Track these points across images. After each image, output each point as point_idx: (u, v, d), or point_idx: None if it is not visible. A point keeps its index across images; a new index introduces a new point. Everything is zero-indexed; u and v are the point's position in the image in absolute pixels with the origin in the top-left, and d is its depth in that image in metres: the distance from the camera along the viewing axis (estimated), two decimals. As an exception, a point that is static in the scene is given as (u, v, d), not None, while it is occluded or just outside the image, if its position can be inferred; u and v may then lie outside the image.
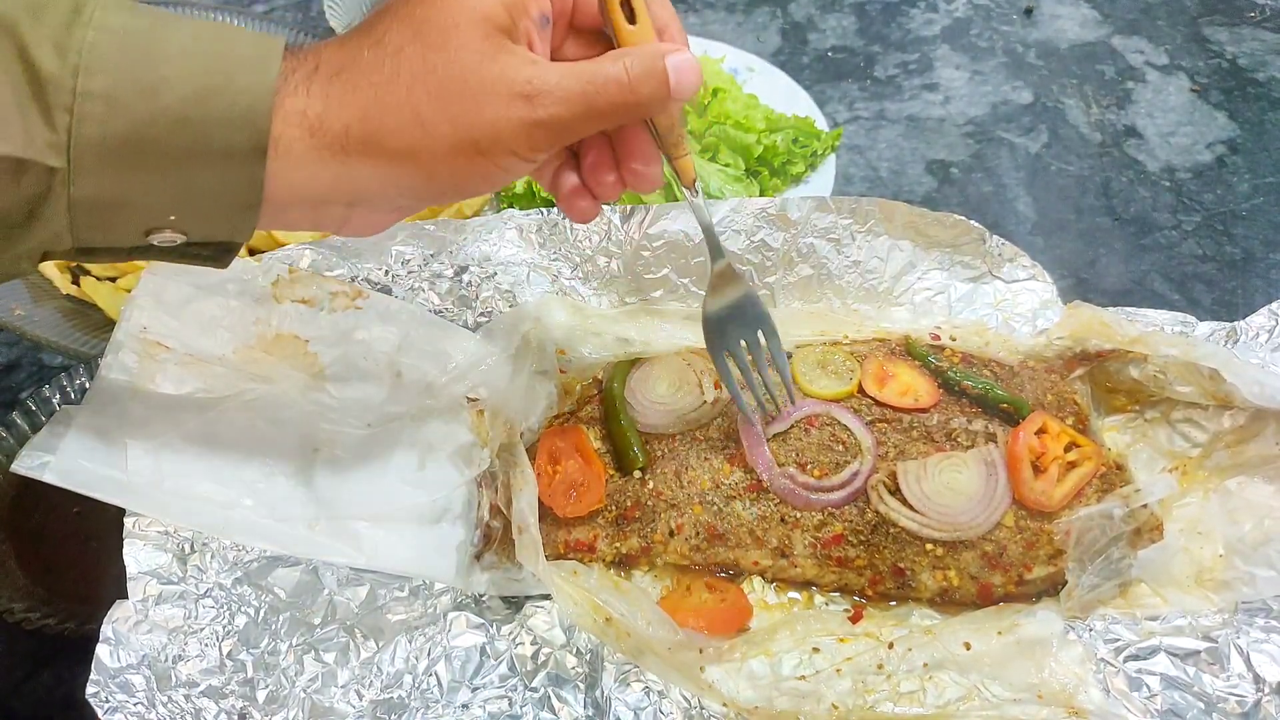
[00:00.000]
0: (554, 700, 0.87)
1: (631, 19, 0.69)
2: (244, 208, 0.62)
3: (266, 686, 0.85)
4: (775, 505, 0.97)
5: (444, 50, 0.62)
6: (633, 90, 0.66)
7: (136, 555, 0.87)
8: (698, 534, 0.97)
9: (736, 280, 0.91)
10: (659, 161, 0.76)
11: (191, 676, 0.84)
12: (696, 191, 0.80)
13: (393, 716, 0.85)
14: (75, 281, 1.16)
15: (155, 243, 0.64)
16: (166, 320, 0.96)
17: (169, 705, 0.82)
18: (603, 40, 0.73)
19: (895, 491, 0.96)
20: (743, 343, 0.93)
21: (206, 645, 0.85)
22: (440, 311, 1.07)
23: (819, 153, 1.42)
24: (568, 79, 0.65)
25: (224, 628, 0.87)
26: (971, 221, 1.10)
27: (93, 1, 0.59)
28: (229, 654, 0.86)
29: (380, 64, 0.62)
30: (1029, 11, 1.76)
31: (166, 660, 0.84)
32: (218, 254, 0.68)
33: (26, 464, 0.87)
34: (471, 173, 0.65)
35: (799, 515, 0.96)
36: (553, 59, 0.71)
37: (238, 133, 0.59)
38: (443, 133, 0.63)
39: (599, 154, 0.76)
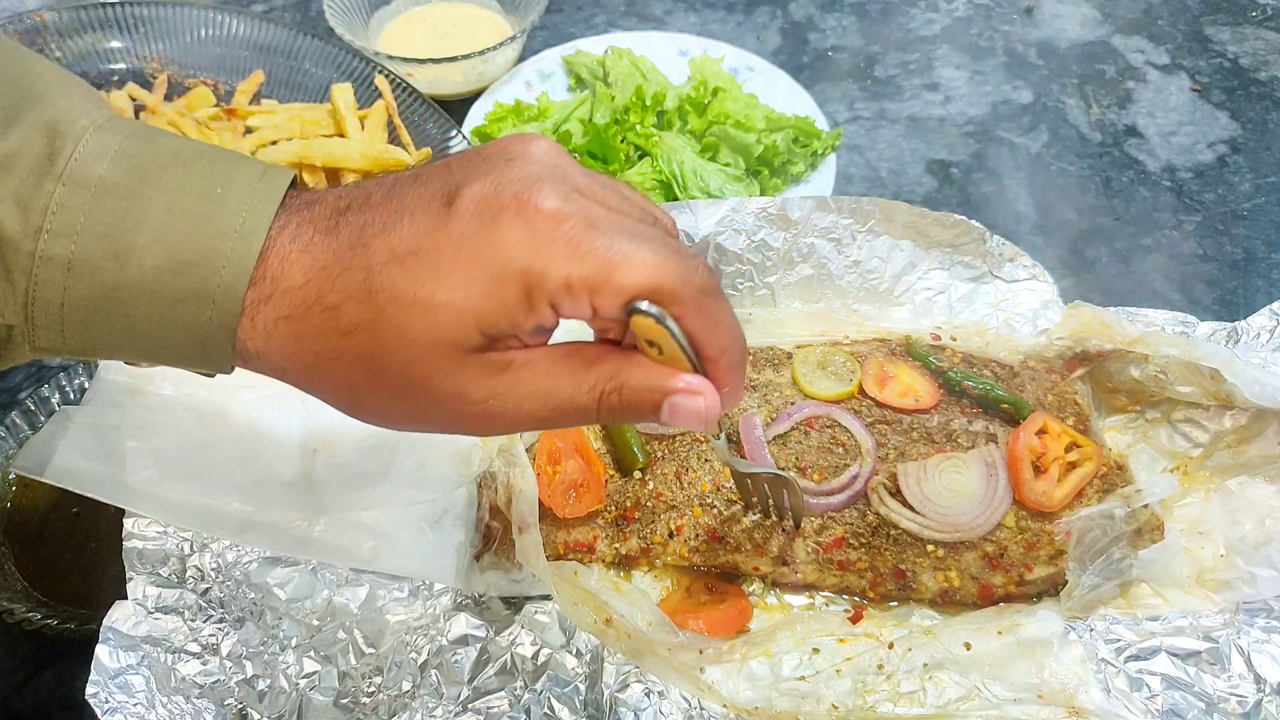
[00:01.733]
0: (554, 701, 0.87)
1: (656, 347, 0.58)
2: (216, 365, 0.58)
3: (266, 686, 0.85)
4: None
5: (395, 355, 0.55)
6: (600, 418, 0.59)
7: (136, 555, 0.87)
8: (697, 536, 0.97)
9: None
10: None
11: (191, 676, 0.84)
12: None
13: (392, 717, 0.85)
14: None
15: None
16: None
17: (168, 705, 0.82)
18: None
19: (896, 493, 0.96)
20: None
21: (206, 645, 0.85)
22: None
23: (819, 153, 1.41)
24: (529, 402, 0.57)
25: (223, 628, 0.87)
26: (972, 221, 1.10)
27: (71, 145, 0.54)
28: (229, 654, 0.86)
29: (327, 335, 0.55)
30: (1029, 11, 1.76)
31: (166, 660, 0.84)
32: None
33: (26, 464, 0.87)
34: (400, 429, 0.61)
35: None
36: None
37: (206, 310, 0.54)
38: (384, 416, 0.59)
39: None
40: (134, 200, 0.53)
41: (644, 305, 0.53)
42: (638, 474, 0.99)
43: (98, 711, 0.80)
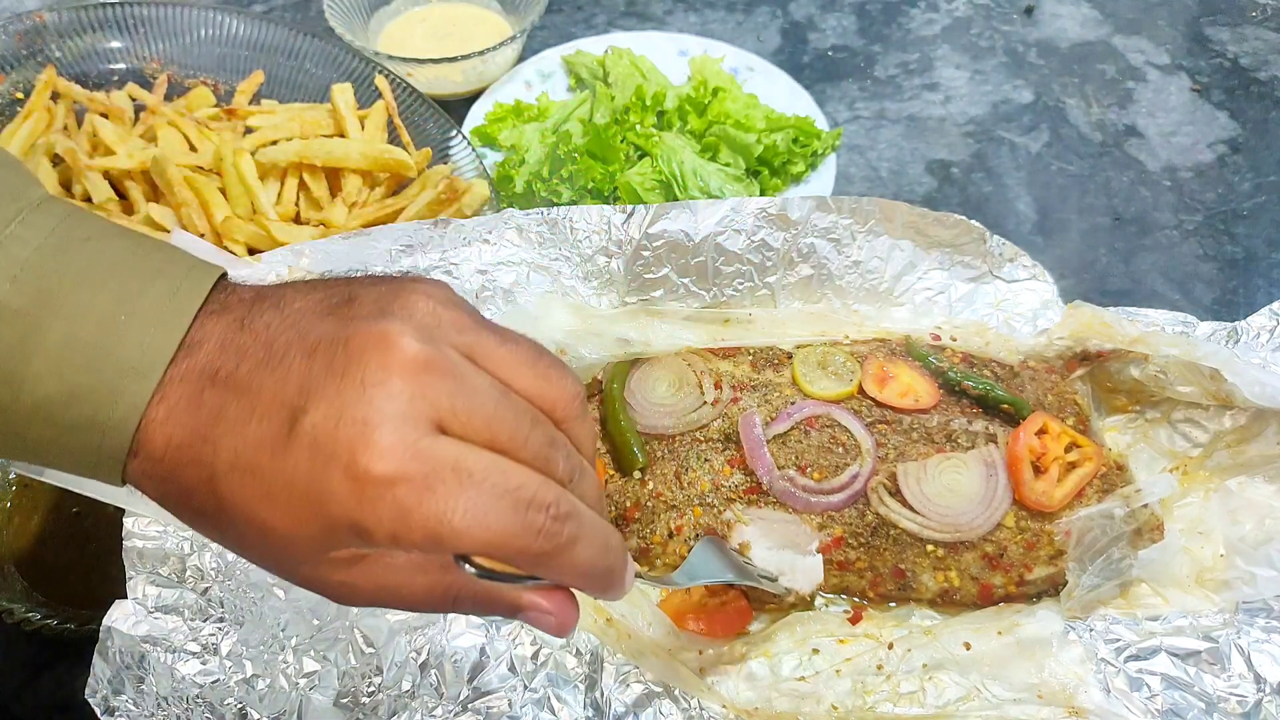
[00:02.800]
0: (554, 701, 0.87)
1: None
2: (111, 483, 0.55)
3: (266, 686, 0.85)
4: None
5: (247, 547, 0.55)
6: (442, 607, 0.58)
7: (136, 555, 0.87)
8: (697, 536, 0.97)
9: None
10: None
11: (191, 676, 0.84)
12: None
13: (392, 717, 0.85)
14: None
15: None
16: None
17: (168, 705, 0.82)
18: None
19: (896, 493, 0.96)
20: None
21: (206, 645, 0.85)
22: (440, 312, 1.07)
23: (819, 152, 1.41)
24: (382, 595, 0.56)
25: (223, 628, 0.87)
26: (972, 221, 1.10)
27: None
28: (228, 654, 0.86)
29: (185, 508, 0.54)
30: (1029, 11, 1.76)
31: (166, 660, 0.84)
32: None
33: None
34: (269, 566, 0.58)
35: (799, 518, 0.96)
36: None
37: (97, 438, 0.52)
38: (226, 530, 0.55)
39: None
40: (32, 328, 0.52)
41: (475, 562, 0.53)
42: (637, 474, 0.99)
43: (97, 711, 0.80)
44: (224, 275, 0.56)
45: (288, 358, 0.52)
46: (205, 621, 0.86)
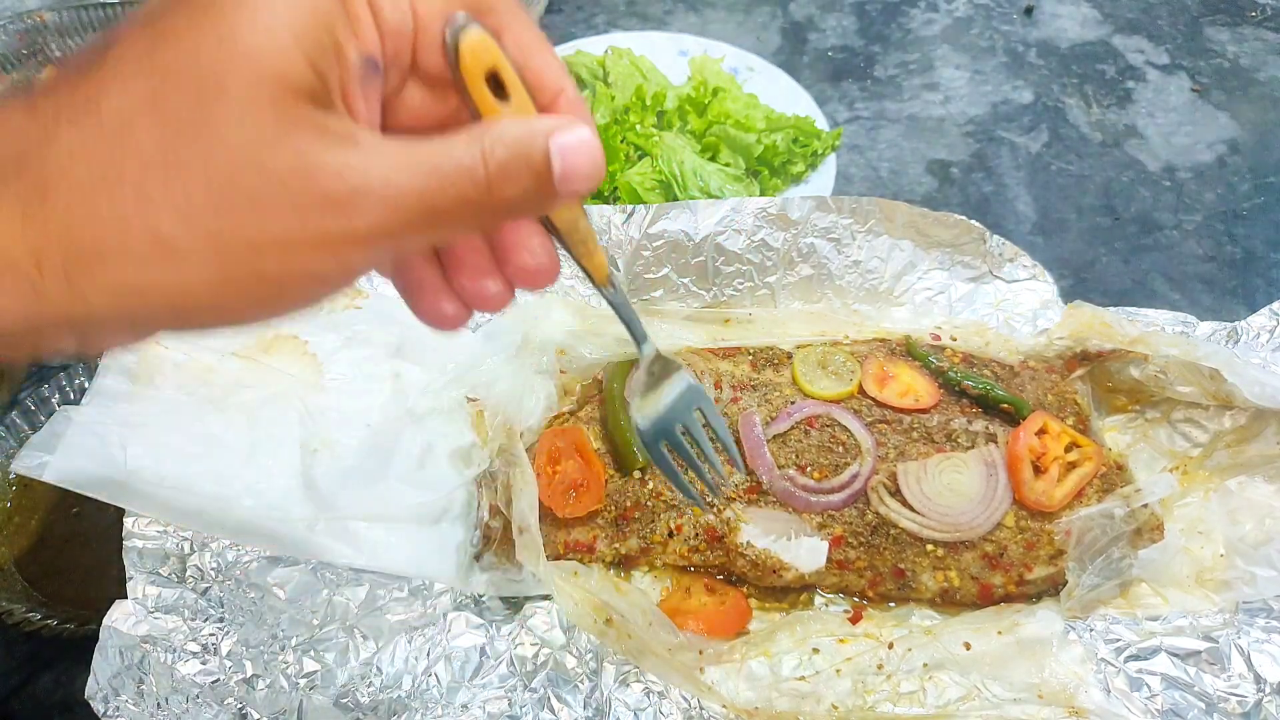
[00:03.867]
0: (554, 701, 0.87)
1: (502, 94, 0.47)
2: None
3: (266, 686, 0.85)
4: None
5: (202, 130, 0.39)
6: (493, 188, 0.44)
7: (136, 555, 0.87)
8: (697, 535, 0.97)
9: (667, 367, 0.75)
10: (553, 248, 0.54)
11: (191, 676, 0.84)
12: (615, 286, 0.62)
13: (393, 717, 0.85)
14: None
15: None
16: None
17: (168, 705, 0.82)
18: (458, 91, 0.49)
19: (895, 493, 0.96)
20: (680, 427, 0.76)
21: (206, 645, 0.85)
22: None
23: (819, 152, 1.41)
24: (399, 173, 0.42)
25: (223, 627, 0.87)
26: (972, 221, 1.10)
27: None
28: (228, 654, 0.86)
29: (92, 147, 0.39)
30: (1029, 11, 1.76)
31: (166, 660, 0.84)
32: None
33: (26, 464, 0.87)
34: (255, 304, 0.43)
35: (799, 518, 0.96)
36: (384, 121, 0.49)
37: None
38: (198, 255, 0.40)
39: (468, 249, 0.52)
40: None
41: (462, 17, 0.44)
42: (637, 474, 0.98)
43: (97, 711, 0.80)
44: None
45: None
46: (205, 621, 0.86)
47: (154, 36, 0.40)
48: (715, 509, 0.95)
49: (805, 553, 0.94)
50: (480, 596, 0.93)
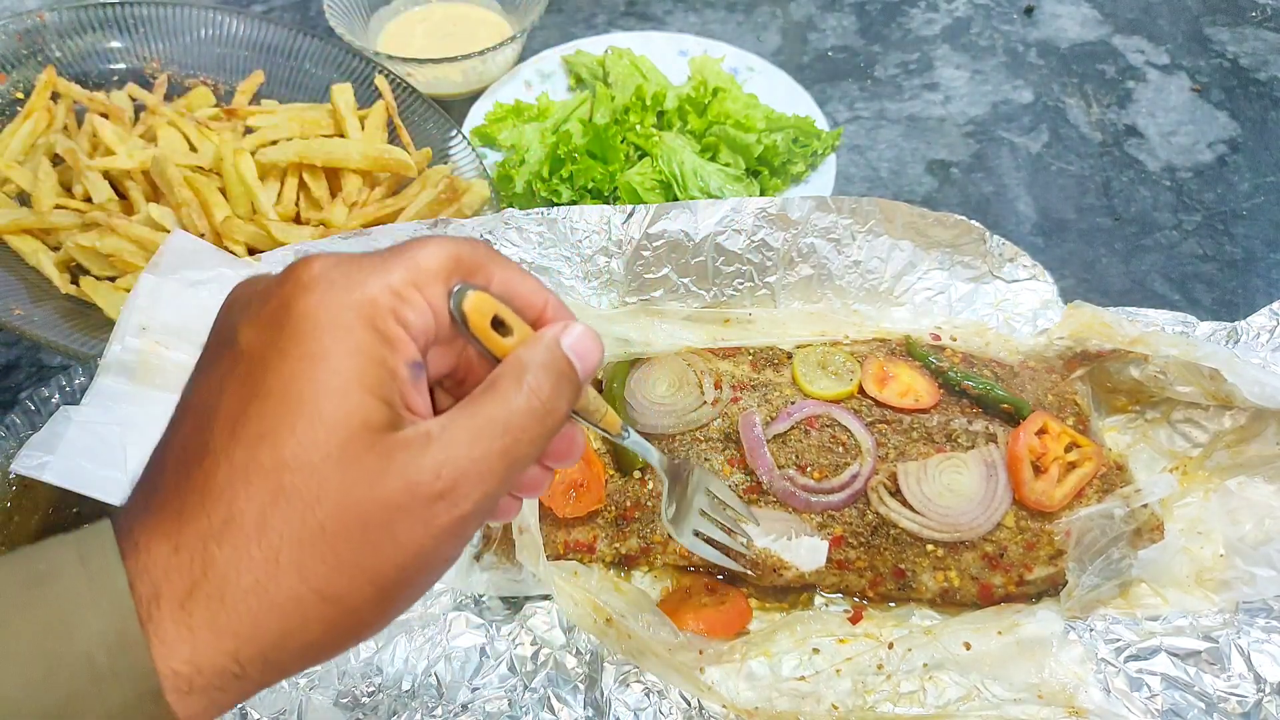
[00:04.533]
0: (554, 700, 0.87)
1: (505, 330, 0.55)
2: None
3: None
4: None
5: (324, 501, 0.46)
6: (550, 412, 0.52)
7: (136, 556, 0.87)
8: (697, 534, 0.96)
9: (678, 468, 0.84)
10: (580, 430, 0.61)
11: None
12: (628, 432, 0.68)
13: (393, 717, 0.85)
14: (74, 281, 1.16)
15: None
16: (165, 320, 0.96)
17: (168, 706, 0.82)
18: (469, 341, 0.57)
19: (896, 493, 0.96)
20: (699, 511, 0.85)
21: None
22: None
23: (819, 152, 1.41)
24: (478, 446, 0.49)
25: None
26: (972, 221, 1.10)
27: None
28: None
29: (246, 553, 0.45)
30: (1029, 11, 1.76)
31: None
32: None
33: (26, 464, 0.87)
34: (407, 604, 0.51)
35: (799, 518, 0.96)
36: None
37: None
38: (361, 594, 0.47)
39: None
40: None
41: (456, 294, 0.52)
42: (637, 474, 0.99)
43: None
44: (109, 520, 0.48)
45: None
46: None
47: (249, 441, 0.46)
48: (750, 562, 0.94)
49: (805, 552, 0.94)
50: (480, 596, 0.93)
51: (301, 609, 0.46)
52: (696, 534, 0.84)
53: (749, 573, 0.94)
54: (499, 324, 0.54)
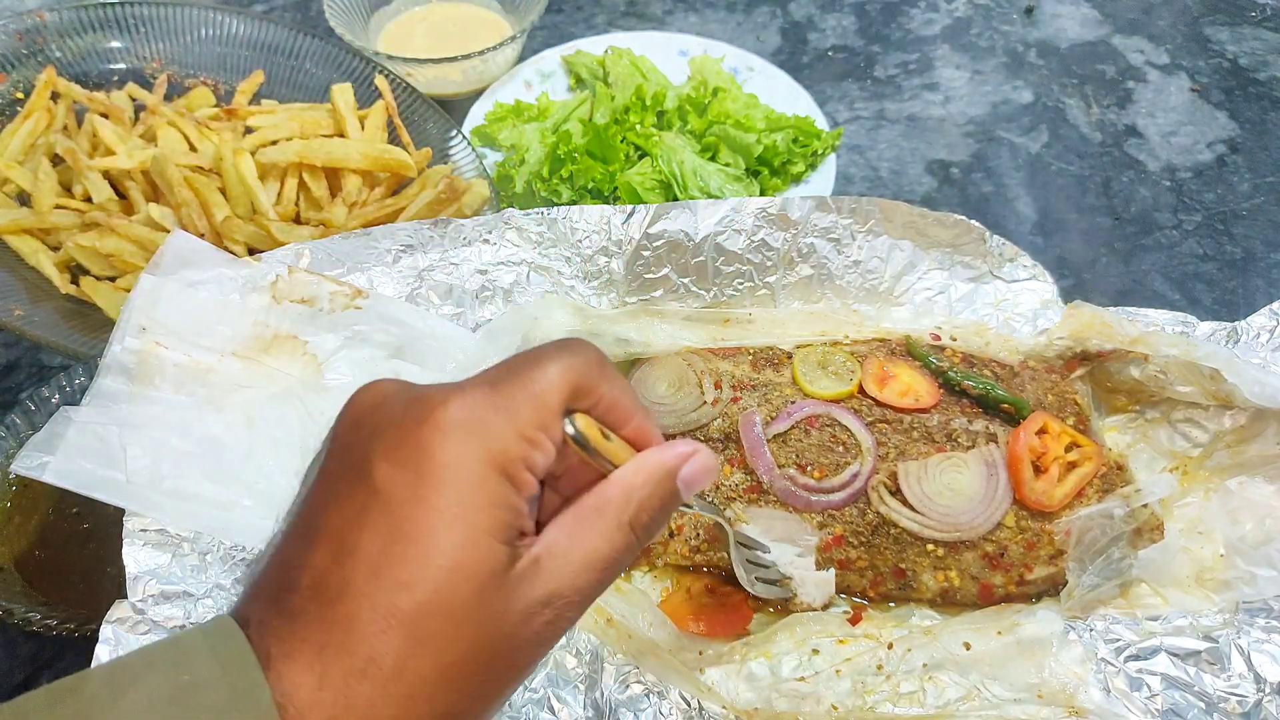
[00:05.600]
0: (553, 701, 0.87)
1: (605, 436, 0.59)
2: None
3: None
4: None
5: (457, 642, 0.50)
6: (640, 540, 0.57)
7: (136, 555, 0.87)
8: (698, 535, 0.97)
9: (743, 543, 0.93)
10: None
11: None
12: (693, 504, 0.73)
13: (392, 717, 0.85)
14: (74, 281, 1.16)
15: None
16: (166, 320, 0.96)
17: (168, 706, 0.82)
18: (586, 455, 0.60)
19: (896, 492, 0.96)
20: (746, 560, 0.93)
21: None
22: (440, 311, 1.07)
23: (819, 152, 1.41)
24: (584, 574, 0.54)
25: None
26: (972, 221, 1.10)
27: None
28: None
29: (385, 691, 0.49)
30: (1029, 11, 1.76)
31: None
32: None
33: (26, 464, 0.87)
34: (509, 697, 0.56)
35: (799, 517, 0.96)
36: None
37: None
38: (482, 711, 0.53)
39: None
40: None
41: (570, 421, 0.56)
42: (638, 474, 0.98)
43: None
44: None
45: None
46: (205, 621, 0.86)
47: (390, 587, 0.49)
48: (785, 584, 0.96)
49: (814, 588, 0.95)
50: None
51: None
52: (759, 580, 0.93)
53: (790, 595, 0.96)
54: (603, 434, 0.58)
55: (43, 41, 1.34)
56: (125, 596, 0.85)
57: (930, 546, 0.95)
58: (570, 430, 0.56)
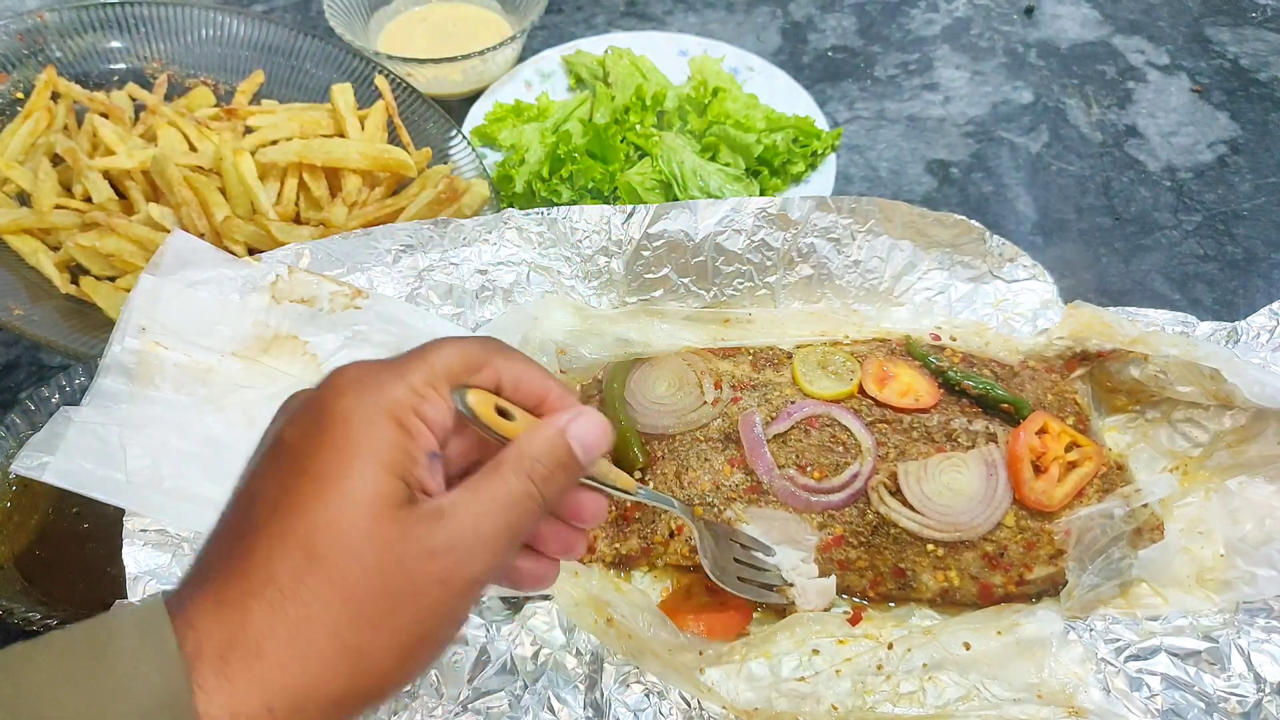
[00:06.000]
0: (554, 701, 0.87)
1: (508, 416, 0.62)
2: None
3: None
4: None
5: (353, 567, 0.53)
6: (546, 493, 0.60)
7: (136, 555, 0.87)
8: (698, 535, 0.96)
9: (710, 526, 0.93)
10: (601, 498, 0.68)
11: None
12: (643, 490, 0.74)
13: (393, 716, 0.85)
14: (74, 281, 1.16)
15: None
16: (165, 320, 0.96)
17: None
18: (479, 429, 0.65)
19: (896, 492, 0.96)
20: (735, 559, 0.93)
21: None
22: (440, 311, 1.07)
23: (819, 152, 1.41)
24: (484, 519, 0.57)
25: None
26: (972, 221, 1.10)
27: None
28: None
29: (281, 610, 0.51)
30: (1029, 11, 1.76)
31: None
32: None
33: (26, 464, 0.87)
34: (419, 662, 0.57)
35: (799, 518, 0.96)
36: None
37: None
38: (383, 648, 0.54)
39: (548, 531, 0.67)
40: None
41: (460, 395, 0.60)
42: (637, 474, 0.99)
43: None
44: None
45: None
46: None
47: (286, 514, 0.54)
48: (782, 591, 0.95)
49: (815, 595, 0.95)
50: (481, 597, 0.93)
51: (329, 662, 0.52)
52: (740, 580, 0.92)
53: (783, 602, 0.95)
54: (504, 413, 0.62)
55: (43, 41, 1.34)
56: (125, 596, 0.85)
57: (930, 546, 0.95)
58: (459, 404, 0.60)
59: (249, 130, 1.28)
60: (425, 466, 0.57)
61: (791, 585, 0.95)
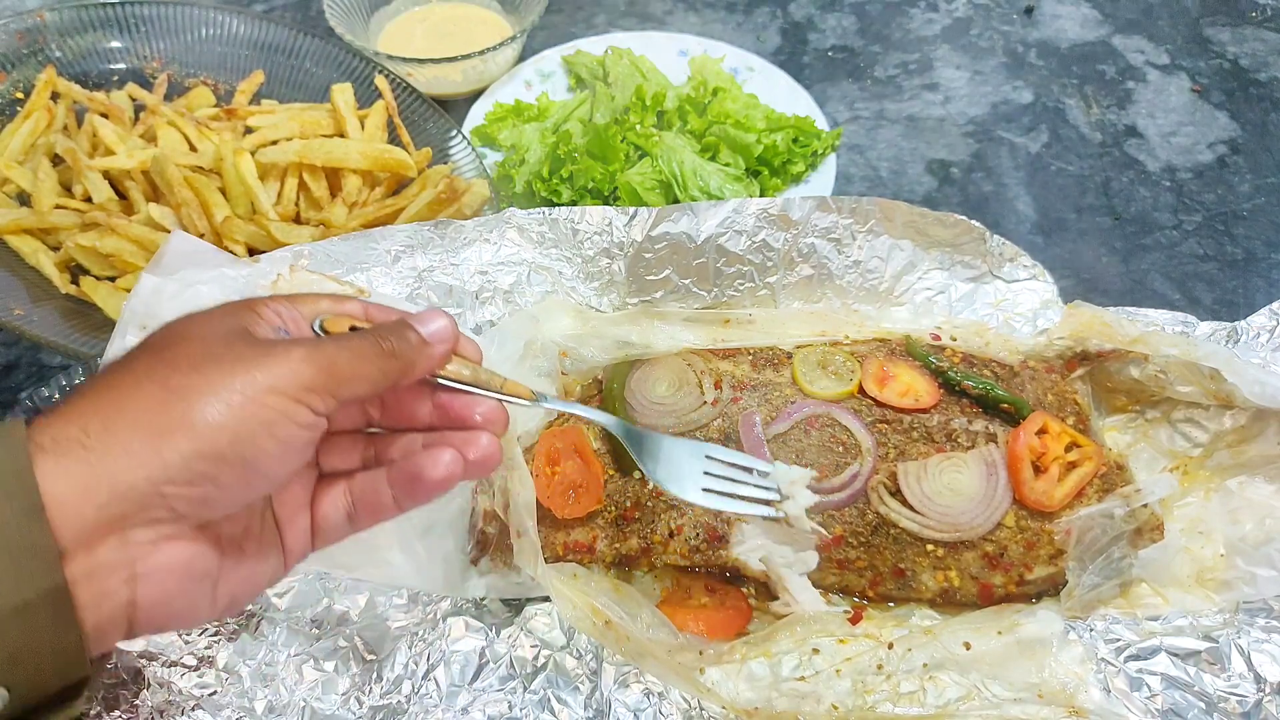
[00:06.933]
0: (554, 702, 0.87)
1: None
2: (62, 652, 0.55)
3: (264, 696, 0.85)
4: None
5: (185, 355, 0.60)
6: (387, 350, 0.65)
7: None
8: (698, 535, 0.96)
9: (648, 436, 0.84)
10: (499, 405, 0.71)
11: (188, 689, 0.84)
12: (544, 396, 0.74)
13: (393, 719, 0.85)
14: (74, 281, 1.16)
15: None
16: (165, 320, 0.95)
17: (165, 717, 0.82)
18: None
19: (896, 492, 0.96)
20: (705, 473, 0.84)
21: (202, 658, 0.86)
22: (440, 312, 1.07)
23: (819, 152, 1.41)
24: (315, 348, 0.62)
25: (218, 640, 0.87)
26: (972, 221, 1.10)
27: None
28: (225, 666, 0.86)
29: (119, 382, 0.59)
30: (1029, 11, 1.76)
31: (162, 675, 0.84)
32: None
33: (26, 465, 0.86)
34: (251, 445, 0.59)
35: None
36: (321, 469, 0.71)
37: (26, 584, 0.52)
38: (193, 386, 0.58)
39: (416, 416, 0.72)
40: None
41: (317, 321, 0.66)
42: (637, 474, 0.98)
43: (95, 720, 0.80)
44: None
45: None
46: (201, 634, 0.87)
47: (147, 357, 0.62)
48: (777, 506, 0.88)
49: (809, 598, 0.94)
50: (480, 600, 0.93)
51: (139, 391, 0.58)
52: (706, 490, 0.83)
53: (776, 515, 0.87)
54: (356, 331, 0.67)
55: (43, 41, 1.34)
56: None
57: (930, 546, 0.95)
58: (316, 328, 0.66)
59: (249, 130, 1.28)
60: (266, 323, 0.64)
61: (788, 499, 0.87)
